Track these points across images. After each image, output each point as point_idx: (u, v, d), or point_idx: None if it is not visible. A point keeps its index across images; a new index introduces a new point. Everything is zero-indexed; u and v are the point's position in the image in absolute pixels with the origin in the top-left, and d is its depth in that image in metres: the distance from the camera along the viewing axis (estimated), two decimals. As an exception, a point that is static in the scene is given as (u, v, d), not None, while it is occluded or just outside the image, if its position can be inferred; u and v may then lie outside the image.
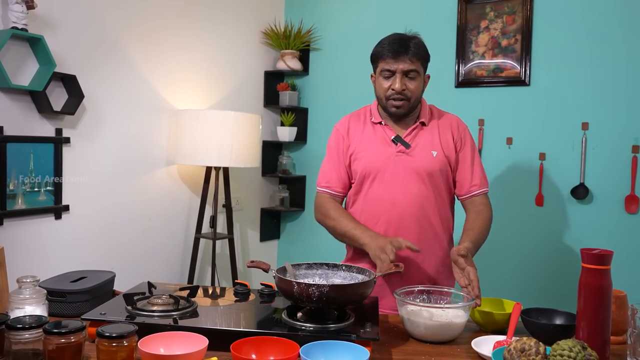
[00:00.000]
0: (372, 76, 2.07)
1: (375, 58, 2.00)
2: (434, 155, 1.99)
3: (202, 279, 3.32)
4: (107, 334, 1.29)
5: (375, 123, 2.05)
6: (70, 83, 2.50)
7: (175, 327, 1.46)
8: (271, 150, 3.82)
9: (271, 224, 3.88)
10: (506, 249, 3.21)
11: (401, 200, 1.98)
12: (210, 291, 1.93)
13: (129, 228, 2.89)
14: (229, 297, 1.80)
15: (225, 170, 3.17)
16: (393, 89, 1.94)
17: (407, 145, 1.98)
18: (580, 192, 2.99)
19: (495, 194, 3.18)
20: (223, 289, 1.93)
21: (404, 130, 2.03)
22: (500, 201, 3.20)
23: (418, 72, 1.95)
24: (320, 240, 3.70)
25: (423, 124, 2.04)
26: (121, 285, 1.97)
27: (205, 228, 3.20)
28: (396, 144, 1.99)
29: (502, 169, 3.21)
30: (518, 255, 3.19)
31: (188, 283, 3.09)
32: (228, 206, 3.19)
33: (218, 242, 3.37)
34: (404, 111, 1.98)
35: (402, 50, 1.92)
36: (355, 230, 1.95)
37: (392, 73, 1.94)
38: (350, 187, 2.10)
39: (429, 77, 2.07)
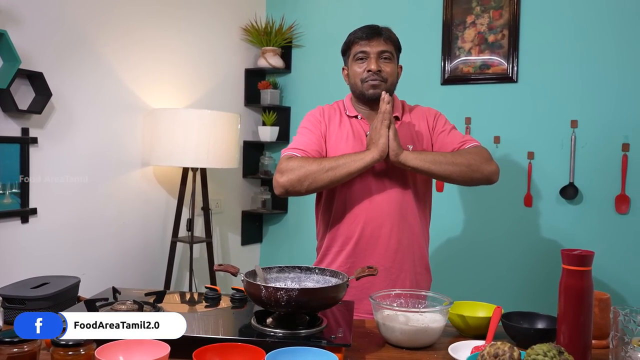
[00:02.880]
0: (344, 69, 2.03)
1: (348, 45, 1.97)
2: (410, 149, 1.93)
3: (180, 284, 3.23)
4: (63, 342, 1.23)
5: (351, 117, 1.99)
6: (36, 81, 2.40)
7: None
8: (252, 151, 3.72)
9: (253, 227, 3.79)
10: (495, 251, 3.13)
11: (379, 198, 1.92)
12: (179, 297, 1.86)
13: (102, 232, 2.79)
14: (199, 302, 1.74)
15: (203, 171, 3.07)
16: (369, 70, 1.90)
17: None
18: (570, 192, 2.92)
19: (483, 194, 3.14)
20: (193, 294, 1.86)
21: None
22: (488, 202, 3.14)
23: (392, 54, 1.94)
24: (304, 243, 3.63)
25: (397, 118, 1.99)
26: (93, 292, 1.87)
27: (183, 231, 3.10)
28: None
29: (489, 168, 3.13)
30: (507, 258, 3.11)
31: (164, 288, 2.99)
32: (206, 208, 3.10)
33: (197, 246, 3.28)
34: (381, 93, 1.89)
35: (375, 33, 1.92)
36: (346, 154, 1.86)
37: (367, 55, 1.91)
38: None
39: (401, 68, 2.04)
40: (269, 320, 1.50)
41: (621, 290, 2.81)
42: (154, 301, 1.65)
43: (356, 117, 1.99)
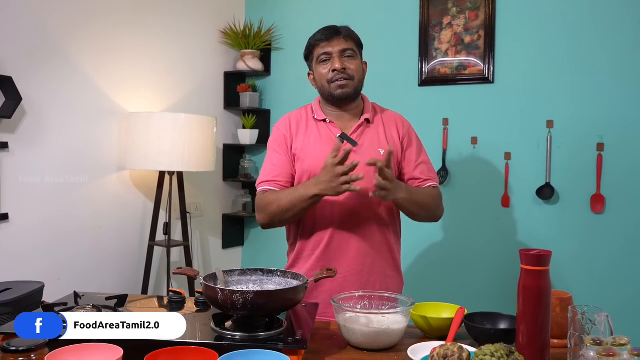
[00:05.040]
0: (309, 74, 2.02)
1: (310, 50, 1.97)
2: (382, 153, 1.92)
3: (159, 288, 3.21)
4: (13, 348, 1.22)
5: (319, 120, 1.98)
6: (6, 85, 2.38)
7: (90, 339, 1.35)
8: (232, 154, 3.71)
9: (234, 231, 3.77)
10: (472, 252, 3.13)
11: (350, 201, 1.90)
12: (143, 301, 1.85)
13: (78, 236, 2.77)
14: (163, 306, 1.73)
15: (180, 174, 3.06)
16: (334, 70, 1.89)
17: (354, 143, 1.91)
18: (546, 192, 2.92)
19: (460, 195, 3.14)
20: (158, 298, 1.85)
21: (348, 127, 1.96)
22: (466, 203, 3.14)
23: (355, 51, 1.94)
24: (286, 246, 3.60)
25: (368, 121, 1.97)
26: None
27: (160, 235, 3.09)
28: (342, 142, 1.91)
29: (467, 169, 3.13)
30: (484, 259, 3.10)
31: (142, 293, 2.98)
32: (183, 212, 3.08)
33: (177, 250, 3.26)
34: (349, 91, 1.91)
35: (334, 32, 1.92)
36: (298, 188, 1.87)
37: (329, 55, 1.91)
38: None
39: (366, 64, 2.02)
40: (228, 323, 1.50)
41: (596, 289, 2.81)
42: (115, 305, 1.64)
43: (324, 120, 1.97)
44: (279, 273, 1.67)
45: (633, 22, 2.76)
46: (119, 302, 1.68)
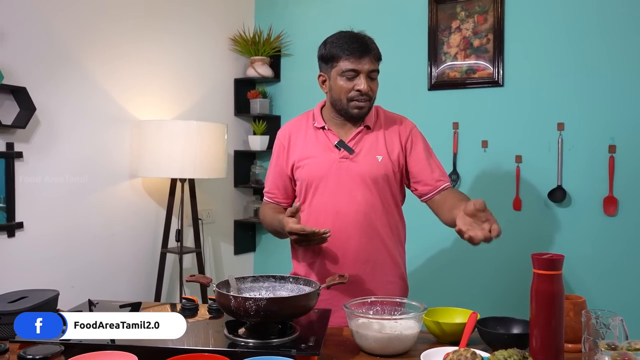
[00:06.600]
0: (321, 75, 1.95)
1: (334, 57, 1.87)
2: (379, 160, 1.91)
3: (172, 295, 3.23)
4: (30, 357, 1.23)
5: (318, 128, 1.97)
6: (20, 95, 2.41)
7: (104, 346, 1.38)
8: (243, 160, 3.73)
9: (246, 237, 3.78)
10: (485, 257, 3.10)
11: (346, 209, 1.90)
12: (157, 308, 1.86)
13: (91, 244, 2.80)
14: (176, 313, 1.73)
15: (191, 181, 3.08)
16: (358, 90, 1.85)
17: (350, 151, 1.90)
18: (558, 195, 2.90)
19: (471, 198, 3.12)
20: (172, 305, 1.86)
21: (348, 134, 1.95)
22: (476, 206, 3.12)
23: (378, 71, 1.90)
24: (297, 251, 3.61)
25: (368, 127, 1.95)
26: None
27: (172, 242, 3.10)
28: (339, 150, 1.91)
29: (478, 173, 3.12)
30: (497, 263, 3.09)
31: (155, 300, 2.99)
32: (195, 219, 3.10)
33: (189, 257, 3.28)
34: (365, 112, 1.90)
35: (365, 50, 1.85)
36: (276, 217, 1.93)
37: (357, 73, 1.85)
38: (295, 196, 2.03)
39: None
40: (241, 330, 1.51)
41: (610, 292, 2.79)
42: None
43: (323, 128, 1.96)
44: (291, 279, 1.68)
45: (643, 22, 2.75)
46: (133, 310, 1.70)
